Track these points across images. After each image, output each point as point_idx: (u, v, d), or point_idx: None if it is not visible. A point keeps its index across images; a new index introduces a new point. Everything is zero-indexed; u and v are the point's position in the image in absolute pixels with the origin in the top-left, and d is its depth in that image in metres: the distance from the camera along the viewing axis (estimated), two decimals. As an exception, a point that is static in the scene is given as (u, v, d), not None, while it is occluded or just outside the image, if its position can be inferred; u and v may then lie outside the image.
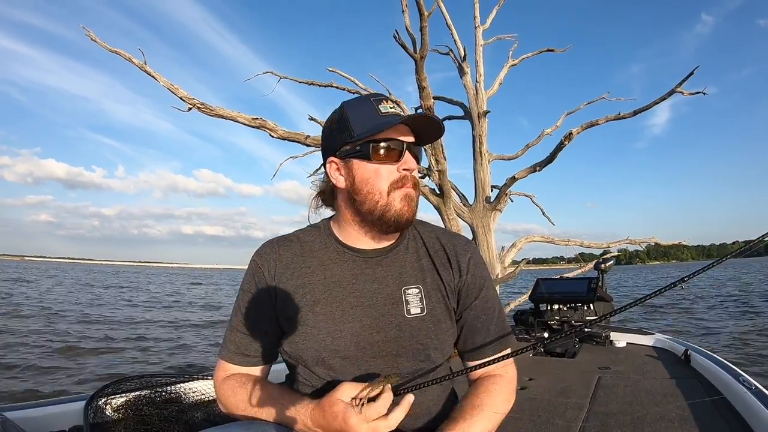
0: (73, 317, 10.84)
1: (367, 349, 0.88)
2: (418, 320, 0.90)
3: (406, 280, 0.92)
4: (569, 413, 1.94)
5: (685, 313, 12.02)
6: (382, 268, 0.92)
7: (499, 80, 5.95)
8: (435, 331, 0.91)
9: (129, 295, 18.48)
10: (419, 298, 0.91)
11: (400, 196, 0.87)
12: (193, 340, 8.41)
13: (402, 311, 0.90)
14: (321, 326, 0.88)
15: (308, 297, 0.89)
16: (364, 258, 0.93)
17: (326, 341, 0.87)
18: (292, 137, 4.21)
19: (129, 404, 1.35)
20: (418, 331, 0.89)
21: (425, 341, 0.89)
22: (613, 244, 6.15)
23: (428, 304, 0.91)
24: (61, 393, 4.74)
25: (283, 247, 0.95)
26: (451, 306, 0.95)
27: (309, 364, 0.90)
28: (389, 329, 0.89)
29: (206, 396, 1.51)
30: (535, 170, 5.01)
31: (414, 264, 0.94)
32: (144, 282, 36.29)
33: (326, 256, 0.93)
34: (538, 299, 3.69)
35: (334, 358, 0.88)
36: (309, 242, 0.96)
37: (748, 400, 1.76)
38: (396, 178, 0.88)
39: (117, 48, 4.84)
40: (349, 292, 0.90)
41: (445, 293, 0.94)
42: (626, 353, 3.09)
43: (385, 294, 0.90)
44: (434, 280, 0.94)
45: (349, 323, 0.88)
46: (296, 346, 0.89)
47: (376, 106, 0.88)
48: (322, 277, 0.91)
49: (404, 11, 3.85)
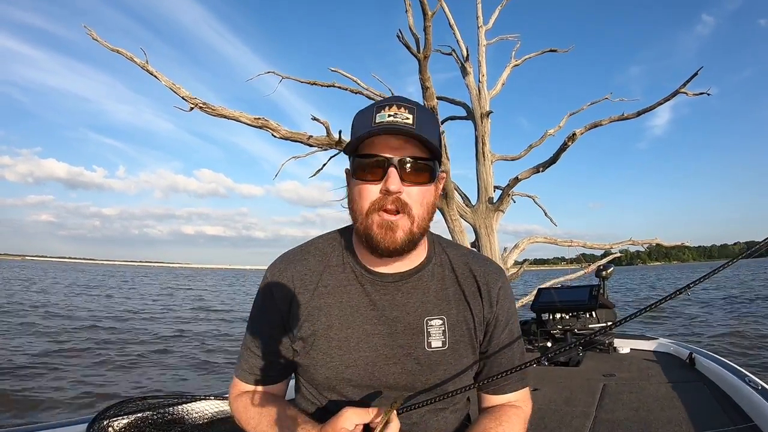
0: (72, 327, 10.74)
1: (381, 380, 0.83)
2: (439, 354, 0.84)
3: (430, 309, 0.85)
4: (576, 422, 1.93)
5: (688, 317, 11.99)
6: (403, 295, 0.85)
7: (501, 80, 5.93)
8: (456, 366, 0.85)
9: (129, 303, 18.40)
10: (442, 330, 0.84)
11: (377, 221, 0.77)
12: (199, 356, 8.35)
13: (422, 344, 0.83)
14: (334, 353, 0.83)
15: (323, 320, 0.84)
16: (384, 282, 0.85)
17: (339, 369, 0.82)
18: (294, 137, 4.20)
19: (132, 426, 1.34)
20: (437, 366, 0.84)
21: (444, 377, 0.84)
22: (616, 245, 6.12)
23: (451, 337, 0.85)
24: (61, 414, 4.70)
25: (298, 262, 0.88)
26: (477, 339, 0.88)
27: (320, 388, 0.86)
28: (407, 362, 0.83)
29: (209, 417, 1.50)
30: (539, 171, 4.99)
31: (439, 292, 0.87)
32: (146, 283, 36.24)
33: (344, 276, 0.86)
34: (540, 308, 3.68)
35: (345, 387, 0.83)
36: (327, 257, 0.88)
37: (755, 400, 1.76)
38: (375, 199, 0.77)
39: (117, 47, 4.83)
40: (366, 319, 0.84)
41: (471, 326, 0.87)
42: (630, 359, 3.08)
43: (405, 323, 0.84)
44: (460, 311, 0.87)
45: (365, 352, 0.82)
46: (307, 369, 0.85)
47: (374, 114, 0.78)
48: (339, 300, 0.84)
49: (408, 11, 3.83)
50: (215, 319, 13.82)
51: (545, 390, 2.49)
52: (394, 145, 0.77)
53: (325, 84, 5.11)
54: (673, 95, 4.93)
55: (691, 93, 4.93)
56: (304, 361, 0.85)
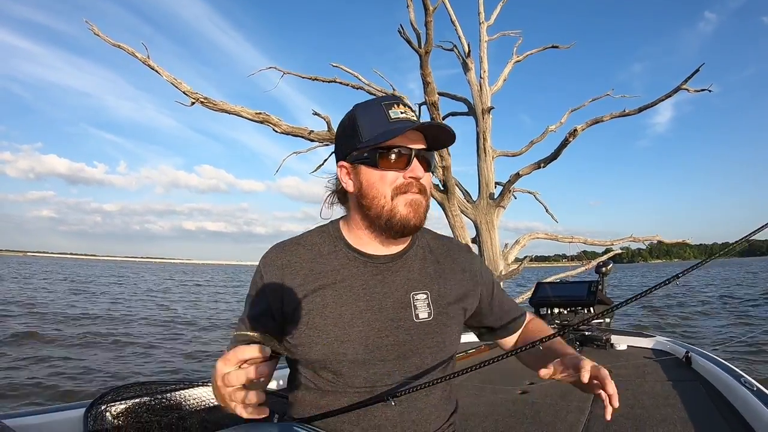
0: (73, 317, 10.82)
1: (375, 352, 0.89)
2: (426, 324, 0.93)
3: (414, 285, 0.95)
4: (571, 417, 1.94)
5: (684, 315, 11.99)
6: (391, 274, 0.94)
7: (503, 76, 5.93)
8: (441, 335, 0.94)
9: (130, 297, 18.48)
10: (426, 303, 0.94)
11: (405, 202, 0.88)
12: (192, 344, 8.39)
13: (411, 315, 0.92)
14: (330, 330, 0.88)
15: (318, 301, 0.90)
16: (374, 263, 0.94)
17: (334, 345, 0.88)
18: (295, 132, 4.21)
19: (129, 411, 1.35)
20: (425, 335, 0.92)
21: (432, 344, 0.93)
22: (617, 242, 6.14)
23: (435, 310, 0.94)
24: (60, 399, 4.73)
25: (289, 252, 0.94)
26: (462, 310, 1.00)
27: (316, 368, 0.90)
28: (398, 333, 0.91)
29: (206, 403, 1.51)
30: (540, 167, 5.00)
31: (422, 271, 0.97)
32: (147, 280, 36.35)
33: (336, 260, 0.94)
34: (538, 303, 3.71)
35: (341, 362, 0.88)
36: (317, 246, 0.96)
37: (750, 401, 1.76)
38: (400, 183, 0.88)
39: (120, 42, 4.84)
40: (358, 296, 0.91)
41: (450, 300, 0.97)
42: (627, 356, 3.08)
43: (394, 299, 0.92)
44: (440, 286, 0.97)
45: (358, 327, 0.89)
46: (304, 349, 0.89)
47: (386, 111, 0.88)
48: (332, 281, 0.91)
49: (409, 6, 3.83)
50: (212, 309, 13.87)
51: (541, 384, 2.50)
52: (413, 138, 0.89)
53: (326, 79, 5.12)
54: (674, 92, 4.93)
55: (693, 90, 4.93)
56: (300, 340, 0.89)
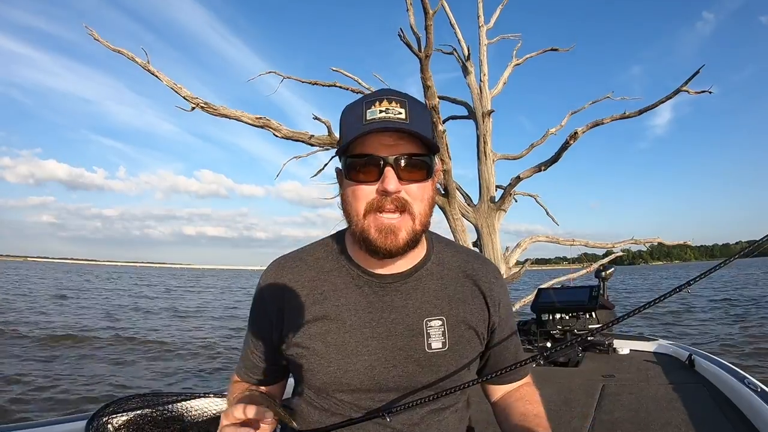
0: (76, 326, 10.79)
1: (381, 384, 0.80)
2: (439, 356, 0.81)
3: (429, 310, 0.82)
4: (575, 423, 1.93)
5: (687, 318, 11.95)
6: (402, 296, 0.82)
7: (503, 79, 5.93)
8: (456, 366, 0.83)
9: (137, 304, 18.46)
10: (442, 331, 0.82)
11: (375, 224, 0.74)
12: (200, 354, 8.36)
13: (422, 345, 0.81)
14: (332, 358, 0.80)
15: (319, 325, 0.81)
16: (382, 284, 0.82)
17: (337, 374, 0.80)
18: (296, 137, 4.20)
19: (131, 423, 1.34)
20: (438, 367, 0.81)
21: (444, 378, 0.82)
22: (618, 244, 6.12)
23: (450, 338, 0.82)
24: (62, 411, 4.70)
25: (291, 269, 0.85)
26: (479, 338, 0.87)
27: (317, 392, 0.84)
28: (407, 364, 0.80)
29: (208, 414, 1.50)
30: (540, 170, 4.99)
31: (438, 292, 0.84)
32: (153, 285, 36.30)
33: (339, 279, 0.83)
34: (540, 309, 3.69)
35: (344, 391, 0.81)
36: (320, 262, 0.86)
37: (754, 402, 1.75)
38: (371, 199, 0.74)
39: (120, 48, 4.84)
40: (364, 322, 0.81)
41: (471, 325, 0.85)
42: (630, 360, 3.07)
43: (404, 325, 0.81)
44: (459, 311, 0.84)
45: (363, 356, 0.80)
46: (306, 374, 0.83)
47: (364, 110, 0.73)
48: (335, 305, 0.82)
49: (409, 10, 3.83)
50: (215, 317, 13.85)
51: (544, 390, 2.49)
52: (388, 143, 0.73)
53: (326, 84, 5.12)
54: (674, 93, 4.93)
55: (693, 91, 4.92)
56: (301, 366, 0.82)
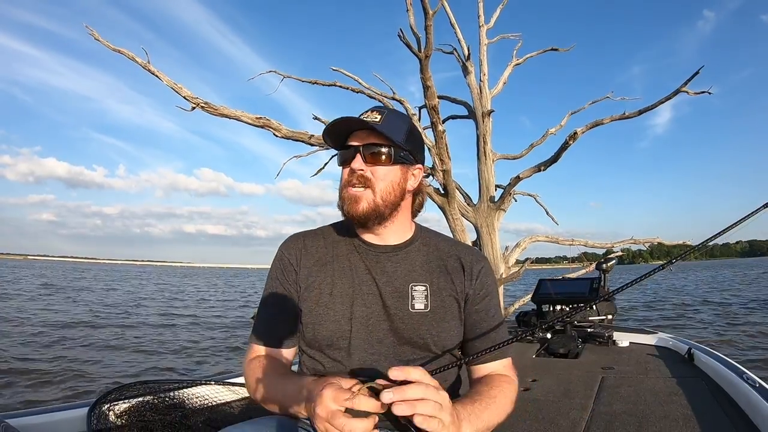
0: (78, 320, 10.83)
1: (375, 334, 0.96)
2: (421, 316, 0.97)
3: (415, 277, 1.00)
4: (573, 414, 1.94)
5: (686, 312, 11.98)
6: (393, 264, 1.00)
7: (503, 79, 5.93)
8: (436, 327, 0.97)
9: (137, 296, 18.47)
10: (425, 295, 0.98)
11: (345, 196, 0.96)
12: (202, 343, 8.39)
13: (407, 306, 0.97)
14: (337, 308, 0.96)
15: (327, 281, 0.99)
16: (377, 253, 1.01)
17: (341, 322, 0.96)
18: (296, 136, 4.21)
19: (132, 410, 1.35)
20: (419, 326, 0.97)
21: (425, 335, 0.96)
22: (617, 244, 6.13)
23: (433, 302, 0.98)
24: (63, 399, 4.72)
25: (308, 238, 1.06)
26: (459, 308, 1.01)
27: (322, 346, 0.97)
28: (394, 320, 0.97)
29: (209, 401, 1.51)
30: (540, 170, 4.99)
31: (424, 264, 1.02)
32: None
33: (345, 247, 1.03)
34: (541, 300, 3.71)
35: (346, 340, 0.95)
36: (332, 234, 1.06)
37: (752, 397, 1.76)
38: (344, 178, 0.97)
39: (121, 47, 4.85)
40: (362, 281, 0.99)
41: (452, 294, 1.00)
42: (629, 353, 3.09)
43: (393, 287, 0.98)
44: (442, 281, 1.01)
45: (362, 307, 0.97)
46: (313, 327, 0.97)
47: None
48: (341, 265, 1.00)
49: (408, 10, 3.83)
50: (215, 307, 13.87)
51: (544, 381, 2.50)
52: (361, 137, 0.96)
53: (326, 83, 5.12)
54: (674, 94, 4.93)
55: (692, 92, 4.92)
56: (311, 318, 0.97)
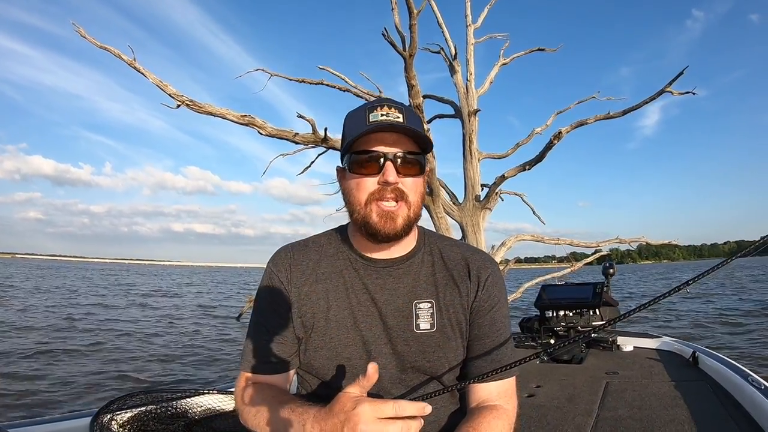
0: (75, 324, 10.67)
1: (377, 359, 0.86)
2: (427, 336, 0.88)
3: (419, 293, 0.90)
4: (578, 419, 1.93)
5: (690, 314, 11.97)
6: (394, 280, 0.90)
7: (489, 79, 5.96)
8: (444, 349, 0.88)
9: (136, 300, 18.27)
10: (430, 313, 0.89)
11: (377, 210, 0.83)
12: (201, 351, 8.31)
13: (411, 326, 0.88)
14: (333, 333, 0.88)
15: (322, 303, 0.89)
16: (376, 267, 0.91)
17: (338, 348, 0.87)
18: (280, 134, 4.20)
19: (135, 420, 1.34)
20: (426, 347, 0.88)
21: (432, 358, 0.88)
22: (603, 244, 6.18)
23: (439, 320, 0.89)
24: (66, 408, 4.67)
25: (297, 252, 0.94)
26: (467, 322, 0.91)
27: (320, 373, 0.89)
28: (397, 343, 0.88)
29: (212, 411, 1.50)
30: (525, 169, 5.02)
31: (428, 278, 0.92)
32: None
33: (340, 262, 0.92)
34: (544, 305, 3.68)
35: (345, 368, 0.87)
36: (323, 247, 0.95)
37: (757, 399, 1.75)
38: (374, 189, 0.84)
39: (109, 45, 4.80)
40: (360, 301, 0.89)
41: (459, 309, 0.90)
42: (633, 357, 3.08)
43: (395, 306, 0.89)
44: (448, 295, 0.91)
45: (360, 331, 0.88)
46: (310, 353, 0.89)
47: (367, 114, 0.84)
48: (335, 284, 0.90)
49: (393, 9, 3.84)
50: (216, 315, 13.77)
51: (548, 387, 2.49)
52: (389, 142, 0.84)
53: (313, 81, 5.11)
54: (658, 94, 4.98)
55: (677, 92, 4.97)
56: (307, 344, 0.90)
